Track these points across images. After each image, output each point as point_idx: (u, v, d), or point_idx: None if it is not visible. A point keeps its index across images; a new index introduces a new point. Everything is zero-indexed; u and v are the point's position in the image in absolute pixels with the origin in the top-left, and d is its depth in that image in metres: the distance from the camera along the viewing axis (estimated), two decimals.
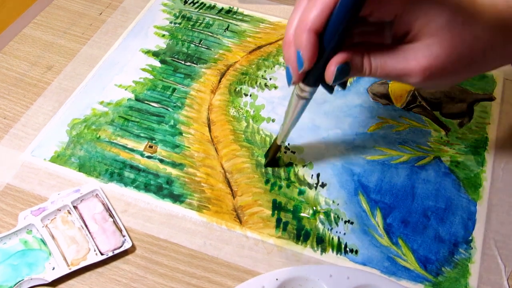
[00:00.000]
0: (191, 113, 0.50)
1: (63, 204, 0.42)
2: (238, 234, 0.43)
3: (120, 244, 0.41)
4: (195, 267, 0.41)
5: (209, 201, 0.44)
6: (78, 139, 0.48)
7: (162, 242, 0.42)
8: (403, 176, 0.46)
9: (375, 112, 0.50)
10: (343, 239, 0.42)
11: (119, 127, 0.49)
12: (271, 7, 0.60)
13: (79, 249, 0.41)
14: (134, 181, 0.45)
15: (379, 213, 0.43)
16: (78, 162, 0.47)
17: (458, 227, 0.43)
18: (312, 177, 0.46)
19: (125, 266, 0.41)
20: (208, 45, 0.56)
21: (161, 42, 0.56)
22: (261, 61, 0.55)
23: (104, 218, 0.42)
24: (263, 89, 0.52)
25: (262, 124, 0.49)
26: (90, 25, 0.58)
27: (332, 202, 0.44)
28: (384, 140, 0.48)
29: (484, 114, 0.50)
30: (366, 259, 0.41)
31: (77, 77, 0.53)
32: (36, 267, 0.40)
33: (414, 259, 0.41)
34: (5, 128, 0.49)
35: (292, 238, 0.42)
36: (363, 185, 0.45)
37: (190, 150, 0.48)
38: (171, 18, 0.59)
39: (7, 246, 0.41)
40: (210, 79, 0.53)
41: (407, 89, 0.52)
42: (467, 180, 0.45)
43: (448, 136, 0.48)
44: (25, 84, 0.53)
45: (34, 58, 0.55)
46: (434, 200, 0.44)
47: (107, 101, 0.51)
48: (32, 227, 0.42)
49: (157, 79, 0.53)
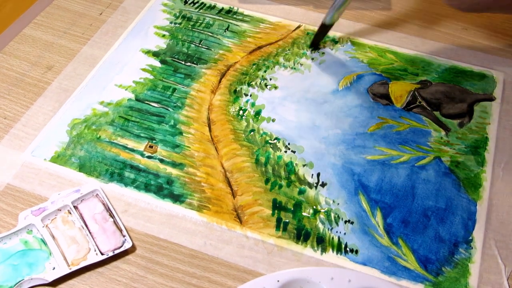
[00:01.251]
0: (191, 113, 0.50)
1: (64, 204, 0.42)
2: (238, 234, 0.43)
3: (121, 244, 0.41)
4: (195, 267, 0.41)
5: (209, 201, 0.44)
6: (78, 139, 0.48)
7: (162, 242, 0.42)
8: (403, 176, 0.46)
9: (375, 112, 0.50)
10: (343, 239, 0.42)
11: (119, 127, 0.49)
12: (271, 7, 0.60)
13: (79, 249, 0.41)
14: (134, 181, 0.45)
15: (379, 213, 0.43)
16: (78, 162, 0.47)
17: (458, 227, 0.43)
18: (312, 177, 0.46)
19: (125, 266, 0.41)
20: (208, 45, 0.56)
21: (161, 42, 0.56)
22: (261, 61, 0.55)
23: (105, 218, 0.42)
24: (263, 89, 0.52)
25: (262, 124, 0.49)
26: (90, 25, 0.58)
27: (333, 202, 0.44)
28: (384, 140, 0.48)
29: (484, 114, 0.50)
30: (366, 259, 0.41)
31: (77, 77, 0.53)
32: (36, 267, 0.40)
33: (414, 259, 0.41)
34: (5, 128, 0.49)
35: (292, 238, 0.42)
36: (363, 185, 0.45)
37: (190, 150, 0.48)
38: (171, 18, 0.59)
39: (8, 246, 0.41)
40: (210, 79, 0.53)
41: (407, 89, 0.52)
42: (467, 180, 0.45)
43: (448, 136, 0.48)
44: (25, 84, 0.53)
45: (34, 58, 0.55)
46: (434, 200, 0.44)
47: (107, 101, 0.51)
48: (33, 227, 0.42)
49: (157, 79, 0.53)
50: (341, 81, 0.53)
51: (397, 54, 0.55)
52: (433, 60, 0.54)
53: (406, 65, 0.54)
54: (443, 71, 0.53)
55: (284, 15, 0.59)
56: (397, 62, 0.54)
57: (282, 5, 0.60)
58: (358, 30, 0.57)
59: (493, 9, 0.37)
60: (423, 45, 0.56)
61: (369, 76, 0.53)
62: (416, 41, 0.56)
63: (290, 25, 0.58)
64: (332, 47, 0.56)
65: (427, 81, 0.52)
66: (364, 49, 0.55)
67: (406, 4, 0.60)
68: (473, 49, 0.55)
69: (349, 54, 0.55)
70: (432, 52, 0.55)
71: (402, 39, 0.56)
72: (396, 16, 0.59)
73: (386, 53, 0.55)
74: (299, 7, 0.60)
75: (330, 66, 0.54)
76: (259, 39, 0.57)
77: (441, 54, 0.55)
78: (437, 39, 0.56)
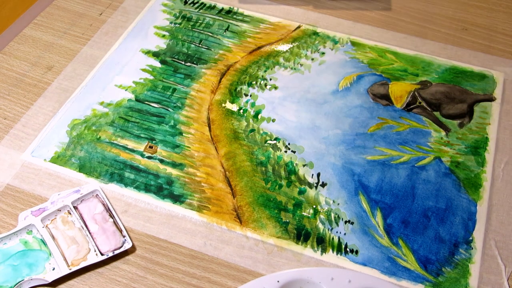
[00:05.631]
0: (191, 113, 0.50)
1: (63, 205, 0.42)
2: (238, 234, 0.43)
3: (120, 245, 0.41)
4: (195, 267, 0.41)
5: (209, 201, 0.44)
6: (78, 139, 0.48)
7: (162, 242, 0.42)
8: (403, 176, 0.46)
9: (375, 112, 0.50)
10: (344, 239, 0.42)
11: (119, 128, 0.49)
12: (271, 7, 0.60)
13: (79, 250, 0.41)
14: (134, 182, 0.45)
15: (380, 213, 0.43)
16: (78, 162, 0.47)
17: (458, 228, 0.43)
18: (312, 177, 0.46)
19: (125, 267, 0.41)
20: (208, 46, 0.56)
21: (161, 43, 0.56)
22: (261, 61, 0.55)
23: (104, 219, 0.42)
24: (263, 89, 0.52)
25: (262, 124, 0.49)
26: (90, 26, 0.58)
27: (333, 202, 0.44)
28: (384, 140, 0.48)
29: (484, 115, 0.50)
30: (366, 259, 0.41)
31: (77, 78, 0.53)
32: (36, 268, 0.40)
33: (415, 259, 0.41)
34: (5, 129, 0.49)
35: (293, 238, 0.42)
36: (363, 185, 0.45)
37: (190, 150, 0.48)
38: (171, 19, 0.59)
39: (7, 247, 0.41)
40: (210, 79, 0.53)
41: (407, 89, 0.52)
42: (467, 181, 0.45)
43: (448, 137, 0.48)
44: (25, 84, 0.53)
45: (34, 58, 0.55)
46: (435, 200, 0.44)
47: (107, 102, 0.51)
48: (32, 228, 0.42)
49: (157, 80, 0.53)
50: (341, 81, 0.53)
51: (397, 55, 0.55)
52: (433, 60, 0.54)
53: (406, 65, 0.54)
54: (443, 72, 0.53)
55: (284, 15, 0.59)
56: (397, 62, 0.54)
57: (282, 5, 0.60)
58: (358, 30, 0.57)
59: None
60: (423, 45, 0.56)
61: (369, 77, 0.53)
62: (416, 41, 0.56)
63: (290, 25, 0.58)
64: (332, 47, 0.56)
65: (427, 82, 0.52)
66: (364, 50, 0.55)
67: (406, 4, 0.60)
68: (473, 49, 0.55)
69: (349, 54, 0.55)
70: (432, 52, 0.55)
71: (402, 39, 0.56)
72: (396, 16, 0.59)
73: (386, 54, 0.55)
74: (299, 7, 0.60)
75: (330, 66, 0.54)
76: (259, 39, 0.57)
77: (441, 54, 0.55)
78: (437, 39, 0.56)
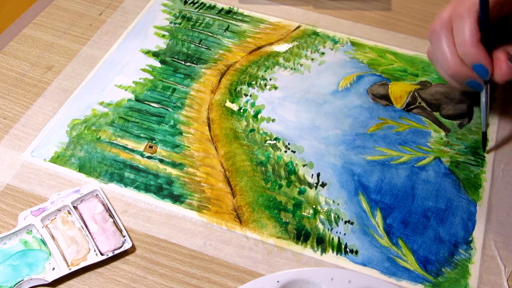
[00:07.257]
0: (191, 113, 0.50)
1: (63, 205, 0.42)
2: (238, 234, 0.43)
3: (120, 245, 0.41)
4: (195, 267, 0.41)
5: (209, 201, 0.44)
6: (78, 139, 0.48)
7: (162, 242, 0.42)
8: (403, 177, 0.46)
9: (375, 112, 0.50)
10: (343, 239, 0.42)
11: (119, 128, 0.49)
12: (271, 7, 0.60)
13: (79, 250, 0.41)
14: (134, 182, 0.45)
15: (379, 214, 0.43)
16: (78, 162, 0.47)
17: (458, 228, 0.43)
18: (312, 177, 0.46)
19: (125, 267, 0.41)
20: (208, 45, 0.56)
21: (161, 42, 0.56)
22: (261, 61, 0.55)
23: (104, 219, 0.42)
24: (263, 89, 0.52)
25: (262, 124, 0.49)
26: (90, 25, 0.58)
27: (333, 202, 0.44)
28: (384, 140, 0.48)
29: None
30: (366, 259, 0.41)
31: (77, 78, 0.53)
32: (36, 268, 0.40)
33: (414, 259, 0.41)
34: (5, 128, 0.49)
35: (292, 238, 0.42)
36: (363, 185, 0.45)
37: (190, 150, 0.48)
38: (171, 18, 0.59)
39: (7, 247, 0.41)
40: (210, 79, 0.53)
41: (407, 90, 0.52)
42: (467, 181, 0.45)
43: (448, 137, 0.48)
44: (25, 84, 0.52)
45: (34, 58, 0.55)
46: (434, 200, 0.44)
47: (107, 102, 0.51)
48: (32, 228, 0.42)
49: (157, 80, 0.53)
50: (341, 81, 0.53)
51: (397, 55, 0.55)
52: None
53: (406, 65, 0.54)
54: None
55: (284, 15, 0.59)
56: (397, 62, 0.54)
57: (282, 5, 0.60)
58: (358, 30, 0.57)
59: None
60: (423, 45, 0.56)
61: (369, 77, 0.53)
62: (416, 41, 0.56)
63: (290, 25, 0.58)
64: (332, 48, 0.56)
65: (426, 82, 0.52)
66: (364, 50, 0.55)
67: (406, 4, 0.60)
68: None
69: (349, 54, 0.55)
70: None
71: (402, 39, 0.56)
72: (396, 16, 0.59)
73: (386, 54, 0.55)
74: (299, 7, 0.60)
75: (330, 66, 0.54)
76: (259, 39, 0.57)
77: None
78: None
